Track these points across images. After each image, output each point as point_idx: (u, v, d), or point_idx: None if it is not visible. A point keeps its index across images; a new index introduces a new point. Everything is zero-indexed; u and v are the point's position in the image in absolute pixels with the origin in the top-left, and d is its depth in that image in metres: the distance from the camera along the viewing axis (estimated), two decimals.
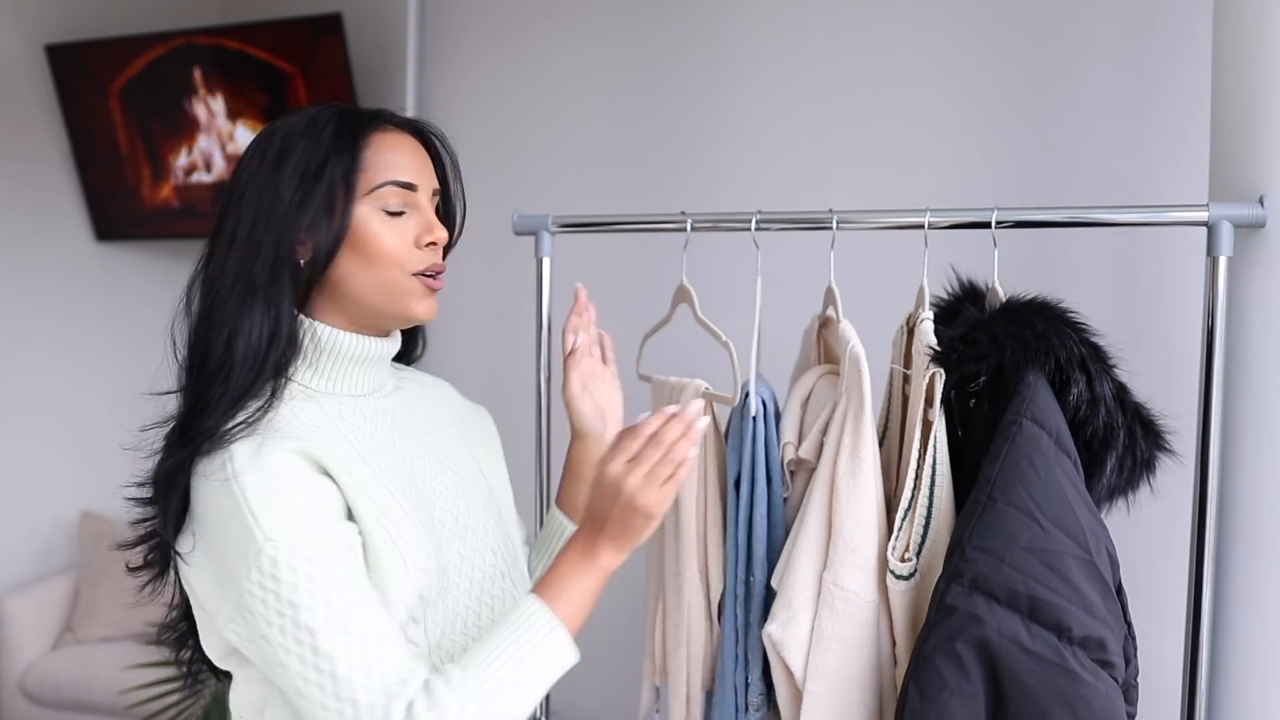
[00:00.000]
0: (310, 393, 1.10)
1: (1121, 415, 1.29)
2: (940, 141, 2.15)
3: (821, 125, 2.27)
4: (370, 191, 1.07)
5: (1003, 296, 1.38)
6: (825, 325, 1.60)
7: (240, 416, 1.02)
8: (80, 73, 3.08)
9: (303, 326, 1.08)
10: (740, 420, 1.46)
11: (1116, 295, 1.97)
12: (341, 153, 1.06)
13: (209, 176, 3.11)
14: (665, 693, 1.59)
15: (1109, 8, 2.00)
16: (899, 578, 1.28)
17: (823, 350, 1.61)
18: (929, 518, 1.27)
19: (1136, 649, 1.27)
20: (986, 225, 1.39)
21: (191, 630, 1.15)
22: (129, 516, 1.09)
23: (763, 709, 1.46)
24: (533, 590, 1.05)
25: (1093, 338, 1.31)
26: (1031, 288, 1.38)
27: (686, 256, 1.58)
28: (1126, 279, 1.97)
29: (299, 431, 1.03)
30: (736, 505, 1.46)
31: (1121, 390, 1.31)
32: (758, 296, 1.54)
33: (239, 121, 3.01)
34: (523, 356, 1.77)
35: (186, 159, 3.11)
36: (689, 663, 1.52)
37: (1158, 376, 1.53)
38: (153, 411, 1.07)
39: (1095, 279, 1.98)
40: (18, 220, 3.14)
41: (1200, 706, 1.36)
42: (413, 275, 1.09)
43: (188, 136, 3.08)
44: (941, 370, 1.28)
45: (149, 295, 3.43)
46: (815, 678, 1.30)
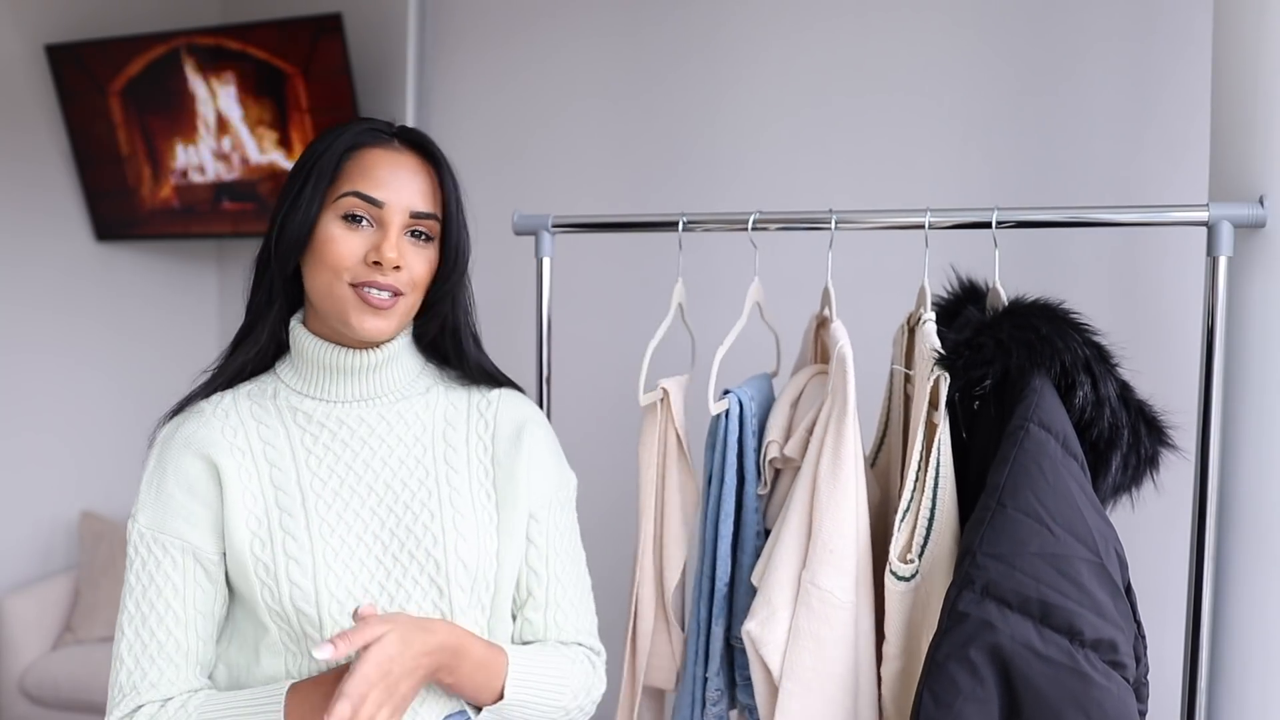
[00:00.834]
0: (289, 391, 1.15)
1: (1125, 415, 1.29)
2: (940, 142, 2.15)
3: (821, 126, 2.27)
4: (335, 199, 1.10)
5: (1004, 296, 1.38)
6: (822, 325, 1.61)
7: (198, 391, 1.15)
8: (80, 73, 3.08)
9: (290, 326, 1.15)
10: (713, 419, 1.46)
11: (1116, 295, 1.97)
12: (325, 161, 1.10)
13: (209, 177, 3.11)
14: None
15: (1109, 8, 2.00)
16: (900, 578, 1.28)
17: (819, 350, 1.61)
18: (932, 519, 1.27)
19: (1146, 648, 1.27)
20: (987, 225, 1.39)
21: None
22: (127, 516, 1.10)
23: (720, 704, 1.46)
24: (293, 685, 1.04)
25: (1095, 338, 1.31)
26: (1032, 288, 1.38)
27: (685, 257, 1.59)
28: (1126, 279, 1.97)
29: (220, 429, 1.11)
30: (706, 503, 1.47)
31: (1125, 389, 1.31)
32: (748, 296, 1.54)
33: (239, 122, 3.01)
34: (523, 356, 1.77)
35: (186, 159, 3.11)
36: (636, 655, 1.52)
37: (1158, 376, 1.53)
38: (152, 413, 1.10)
39: (1095, 279, 1.98)
40: (18, 220, 3.14)
41: (1200, 706, 1.36)
42: (349, 285, 1.09)
43: (188, 136, 3.08)
44: (946, 374, 1.28)
45: (149, 295, 3.43)
46: (791, 676, 1.30)
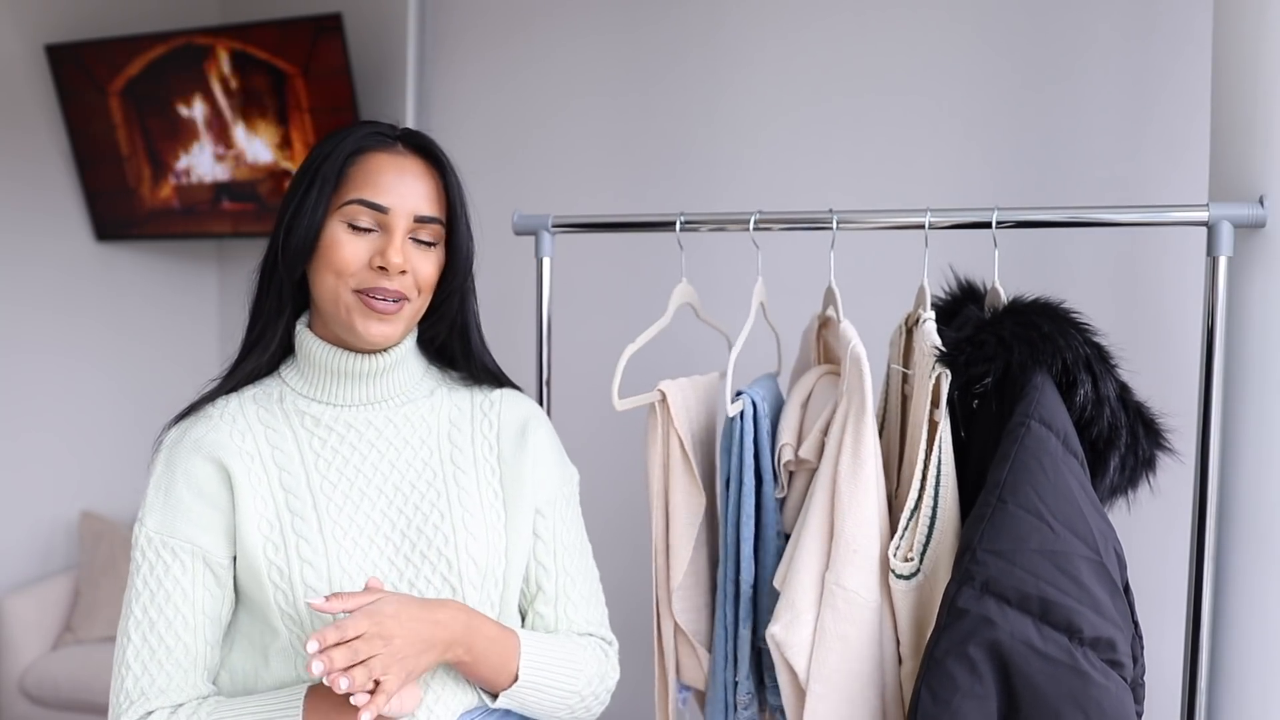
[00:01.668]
0: (295, 395, 1.15)
1: (1124, 415, 1.29)
2: (940, 142, 2.15)
3: (821, 125, 2.27)
4: (340, 206, 1.11)
5: (1004, 296, 1.38)
6: (825, 325, 1.60)
7: (205, 396, 1.15)
8: (80, 73, 3.08)
9: (296, 330, 1.16)
10: (728, 421, 1.46)
11: (1116, 295, 1.97)
12: (329, 166, 1.11)
13: (209, 177, 3.11)
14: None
15: (1109, 8, 2.00)
16: (900, 577, 1.28)
17: (822, 350, 1.61)
18: (933, 518, 1.27)
19: (1143, 648, 1.27)
20: (987, 225, 1.39)
21: None
22: (127, 516, 1.11)
23: (751, 707, 1.46)
24: (311, 688, 1.04)
25: (1096, 338, 1.31)
26: (1032, 288, 1.38)
27: (687, 256, 1.59)
28: (1126, 279, 1.97)
29: (229, 433, 1.11)
30: (726, 505, 1.46)
31: (1124, 390, 1.31)
32: (753, 297, 1.54)
33: (239, 122, 3.01)
34: (523, 356, 1.77)
35: (186, 159, 3.11)
36: (663, 656, 1.54)
37: (1158, 376, 1.53)
38: (153, 413, 1.10)
39: (1095, 279, 1.98)
40: (18, 220, 3.14)
41: (1200, 706, 1.36)
42: (354, 291, 1.10)
43: (188, 136, 3.08)
44: (947, 371, 1.28)
45: (149, 295, 3.43)
46: (819, 678, 1.29)
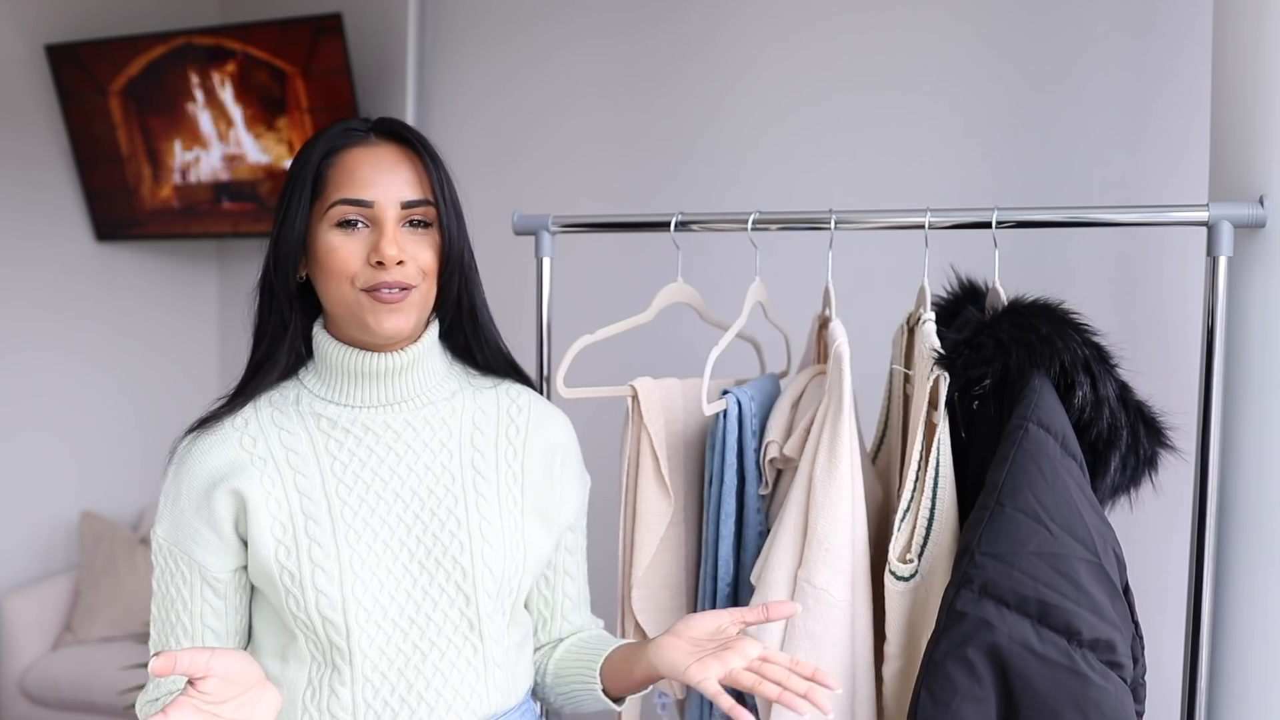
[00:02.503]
0: (312, 397, 1.15)
1: (1125, 415, 1.29)
2: (940, 141, 2.15)
3: (821, 126, 2.27)
4: (327, 210, 1.09)
5: (1004, 297, 1.38)
6: (824, 325, 1.61)
7: (218, 408, 1.14)
8: (80, 73, 3.08)
9: (314, 332, 1.16)
10: (712, 420, 1.46)
11: (1116, 295, 1.97)
12: (305, 173, 1.10)
13: (209, 177, 3.11)
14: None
15: (1109, 8, 2.00)
16: (899, 578, 1.28)
17: (821, 350, 1.61)
18: (931, 519, 1.27)
19: (1143, 648, 1.27)
20: (987, 225, 1.39)
21: None
22: (127, 516, 1.11)
23: None
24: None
25: (1095, 338, 1.31)
26: (1032, 288, 1.38)
27: (691, 257, 1.59)
28: (1126, 279, 1.97)
29: (239, 441, 1.11)
30: (708, 504, 1.47)
31: (1124, 390, 1.31)
32: (748, 298, 1.54)
33: (239, 122, 3.01)
34: (523, 356, 1.77)
35: (186, 159, 3.11)
36: None
37: (1158, 376, 1.53)
38: (153, 413, 1.10)
39: (1095, 279, 1.98)
40: (18, 220, 3.14)
41: (1200, 707, 1.36)
42: (361, 291, 1.08)
43: (188, 136, 3.08)
44: (946, 373, 1.28)
45: (149, 295, 3.43)
46: None
